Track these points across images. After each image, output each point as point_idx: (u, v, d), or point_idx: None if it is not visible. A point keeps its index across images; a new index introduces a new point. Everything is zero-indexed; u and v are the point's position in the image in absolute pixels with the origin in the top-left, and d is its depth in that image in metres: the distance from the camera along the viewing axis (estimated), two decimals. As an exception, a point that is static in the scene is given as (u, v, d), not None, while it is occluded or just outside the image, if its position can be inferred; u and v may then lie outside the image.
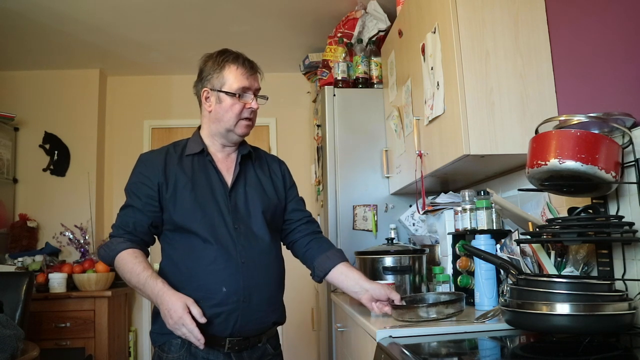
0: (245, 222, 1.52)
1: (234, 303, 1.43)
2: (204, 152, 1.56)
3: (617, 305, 1.07)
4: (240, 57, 1.55)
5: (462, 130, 1.61)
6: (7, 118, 3.62)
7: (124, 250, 1.46)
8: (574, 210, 1.31)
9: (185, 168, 1.53)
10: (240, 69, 1.52)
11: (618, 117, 1.28)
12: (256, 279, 1.47)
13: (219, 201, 1.51)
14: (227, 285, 1.43)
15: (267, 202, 1.58)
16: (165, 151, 1.57)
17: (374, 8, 2.85)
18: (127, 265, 1.44)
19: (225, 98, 1.52)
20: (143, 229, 1.50)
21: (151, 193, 1.49)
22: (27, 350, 2.10)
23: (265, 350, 1.55)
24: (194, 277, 1.44)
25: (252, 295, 1.46)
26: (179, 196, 1.49)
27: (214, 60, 1.54)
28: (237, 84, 1.51)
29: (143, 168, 1.54)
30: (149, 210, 1.50)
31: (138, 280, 1.41)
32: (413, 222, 2.41)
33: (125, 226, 1.50)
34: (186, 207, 1.48)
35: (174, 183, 1.50)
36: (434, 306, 1.43)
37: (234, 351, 1.46)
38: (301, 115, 4.04)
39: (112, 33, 3.34)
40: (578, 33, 1.55)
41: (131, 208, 1.51)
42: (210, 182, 1.53)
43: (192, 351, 1.43)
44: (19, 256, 3.36)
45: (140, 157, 1.58)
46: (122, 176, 3.94)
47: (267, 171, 1.66)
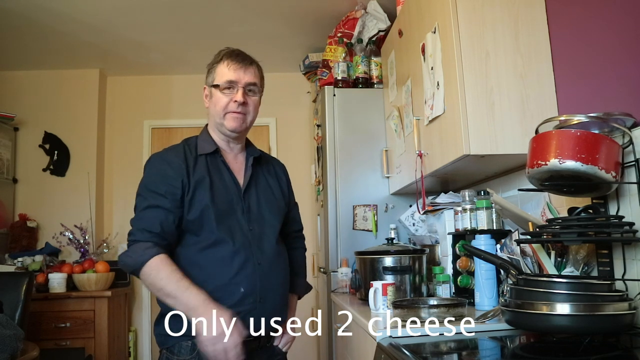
0: (259, 223, 1.52)
1: (250, 304, 1.44)
2: (217, 153, 1.55)
3: (617, 305, 1.07)
4: (235, 52, 1.55)
5: (462, 130, 1.61)
6: (7, 118, 3.62)
7: (157, 256, 1.37)
8: (574, 210, 1.31)
9: (201, 168, 1.51)
10: (230, 64, 1.52)
11: (618, 117, 1.28)
12: (270, 279, 1.48)
13: (234, 202, 1.50)
14: (245, 285, 1.43)
15: (276, 205, 1.60)
16: (182, 149, 1.54)
17: (374, 8, 2.85)
18: (162, 272, 1.36)
19: (215, 92, 1.53)
20: (171, 230, 1.44)
21: (176, 192, 1.45)
22: (27, 351, 2.10)
23: (274, 350, 1.56)
24: (212, 277, 1.43)
25: (267, 295, 1.47)
26: (198, 196, 1.46)
27: (214, 58, 1.56)
28: (224, 78, 1.51)
29: (166, 167, 1.48)
30: (176, 207, 1.44)
31: (177, 287, 1.35)
32: (413, 222, 2.41)
33: (152, 228, 1.41)
34: (205, 207, 1.45)
35: (195, 184, 1.47)
36: (436, 308, 1.43)
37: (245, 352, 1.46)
38: (301, 115, 4.04)
39: (112, 33, 3.34)
40: (578, 33, 1.55)
41: (155, 208, 1.43)
42: (225, 183, 1.52)
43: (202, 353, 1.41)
44: (18, 256, 3.36)
45: (155, 157, 1.53)
46: (122, 176, 3.97)
47: (273, 175, 1.67)
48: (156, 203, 1.43)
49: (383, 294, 1.71)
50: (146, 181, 1.48)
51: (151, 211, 1.43)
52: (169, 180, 1.45)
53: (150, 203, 1.44)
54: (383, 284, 1.72)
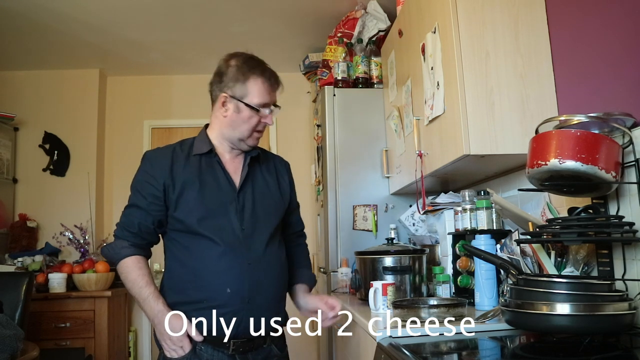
0: (253, 223, 1.51)
1: (237, 304, 1.43)
2: (211, 153, 1.54)
3: (617, 305, 1.07)
4: (267, 70, 1.54)
5: (462, 130, 1.61)
6: (7, 118, 3.62)
7: (128, 257, 1.46)
8: (574, 210, 1.31)
9: (192, 168, 1.51)
10: (265, 84, 1.51)
11: (618, 117, 1.28)
12: (261, 279, 1.48)
13: (227, 202, 1.50)
14: (232, 285, 1.43)
15: (273, 204, 1.59)
16: (172, 150, 1.55)
17: (374, 8, 2.85)
18: (131, 274, 1.45)
19: (244, 109, 1.50)
20: (148, 230, 1.49)
21: (156, 193, 1.47)
22: (27, 351, 2.10)
23: (271, 351, 1.54)
24: (199, 277, 1.44)
25: (256, 295, 1.46)
26: (186, 196, 1.47)
27: (238, 68, 1.50)
28: (259, 99, 1.50)
29: (149, 166, 1.51)
30: (154, 210, 1.48)
31: (139, 294, 1.44)
32: (413, 222, 2.41)
33: (130, 227, 1.48)
34: (193, 208, 1.46)
35: (181, 183, 1.48)
36: (436, 308, 1.43)
37: (239, 352, 1.46)
38: (301, 115, 4.04)
39: (112, 33, 3.34)
40: (578, 33, 1.55)
41: (136, 208, 1.49)
42: (218, 182, 1.52)
43: (197, 352, 1.43)
44: (18, 256, 3.36)
45: (145, 154, 1.56)
46: (122, 176, 3.96)
47: (274, 173, 1.66)
48: (137, 203, 1.49)
49: (383, 294, 1.71)
50: (135, 179, 1.54)
51: (132, 210, 1.50)
52: (150, 180, 1.49)
53: (132, 201, 1.51)
54: (383, 284, 1.72)
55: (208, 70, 1.65)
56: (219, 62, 1.55)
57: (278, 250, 1.57)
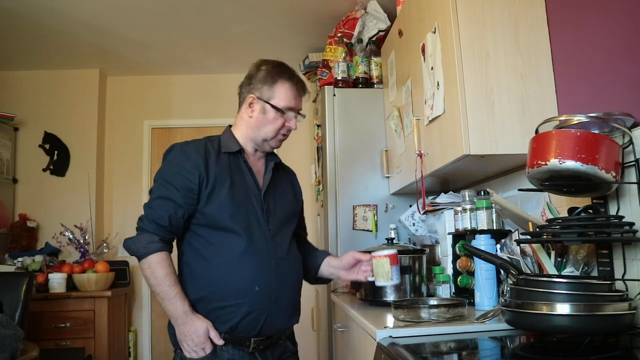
0: (277, 224, 1.55)
1: (264, 302, 1.45)
2: (240, 152, 1.57)
3: (617, 305, 1.07)
4: (295, 76, 1.58)
5: (462, 130, 1.61)
6: (7, 118, 3.62)
7: (157, 253, 1.42)
8: (574, 210, 1.31)
9: (223, 165, 1.52)
10: (292, 89, 1.55)
11: (618, 117, 1.28)
12: (285, 279, 1.51)
13: (254, 202, 1.52)
14: (260, 284, 1.45)
15: (291, 209, 1.65)
16: (204, 144, 1.54)
17: (374, 8, 2.85)
18: (159, 271, 1.41)
19: (270, 110, 1.54)
20: (179, 224, 1.47)
21: (191, 186, 1.46)
22: (27, 351, 2.10)
23: (286, 347, 1.57)
24: (226, 275, 1.45)
25: (281, 295, 1.48)
26: (218, 192, 1.47)
27: (268, 71, 1.55)
28: (285, 102, 1.54)
29: (183, 158, 1.49)
30: (187, 203, 1.46)
31: (166, 292, 1.41)
32: (413, 222, 2.41)
33: (160, 220, 1.44)
34: (225, 204, 1.47)
35: (214, 179, 1.48)
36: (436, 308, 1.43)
37: (259, 350, 1.47)
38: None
39: (112, 33, 3.34)
40: (578, 33, 1.55)
41: (167, 200, 1.45)
42: (246, 182, 1.54)
43: (218, 352, 1.43)
44: (18, 256, 3.36)
45: (175, 146, 1.53)
46: (122, 176, 3.97)
47: (288, 182, 1.73)
48: (168, 195, 1.45)
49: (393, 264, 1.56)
50: (164, 170, 1.50)
51: (162, 202, 1.45)
52: (185, 173, 1.46)
53: (162, 193, 1.46)
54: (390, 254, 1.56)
55: (208, 70, 1.66)
56: (250, 67, 1.60)
57: (297, 251, 1.63)
